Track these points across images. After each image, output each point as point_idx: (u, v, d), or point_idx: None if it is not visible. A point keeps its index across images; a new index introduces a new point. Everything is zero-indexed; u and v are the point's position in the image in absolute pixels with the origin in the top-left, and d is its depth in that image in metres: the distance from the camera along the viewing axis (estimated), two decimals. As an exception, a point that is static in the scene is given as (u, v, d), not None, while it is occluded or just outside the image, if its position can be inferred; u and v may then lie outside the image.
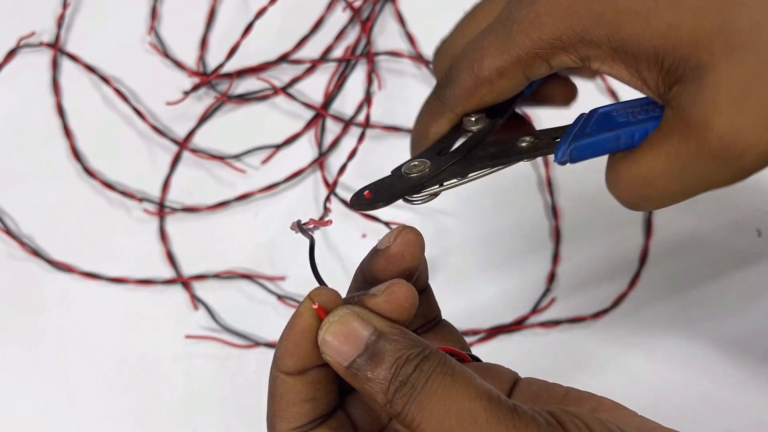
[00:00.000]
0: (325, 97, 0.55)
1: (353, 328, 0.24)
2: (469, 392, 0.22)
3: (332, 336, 0.24)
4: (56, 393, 0.49)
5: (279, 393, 0.26)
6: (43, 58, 0.57)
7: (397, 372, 0.22)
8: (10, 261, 0.53)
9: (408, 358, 0.22)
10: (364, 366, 0.23)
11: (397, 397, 0.22)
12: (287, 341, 0.25)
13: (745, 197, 0.50)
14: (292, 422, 0.25)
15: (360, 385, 0.23)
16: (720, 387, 0.46)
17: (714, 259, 0.49)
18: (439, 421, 0.21)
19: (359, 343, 0.23)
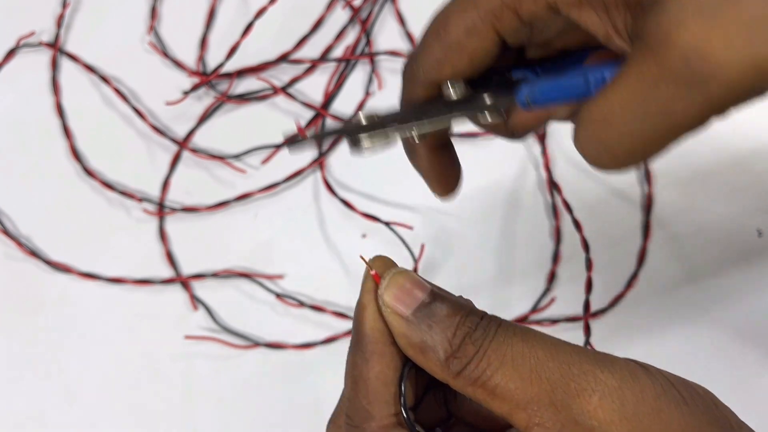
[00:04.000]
0: (325, 96, 0.55)
1: (409, 286, 0.23)
2: (547, 336, 0.22)
3: (391, 287, 0.23)
4: (55, 393, 0.49)
5: (374, 372, 0.24)
6: (43, 58, 0.57)
7: (463, 320, 0.22)
8: (8, 261, 0.53)
9: (471, 309, 0.23)
10: (424, 317, 0.22)
11: (467, 344, 0.22)
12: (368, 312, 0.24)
13: (746, 197, 0.50)
14: (393, 405, 0.23)
15: (420, 338, 0.22)
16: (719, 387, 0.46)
17: (713, 259, 0.49)
18: (524, 358, 0.21)
19: (417, 299, 0.23)
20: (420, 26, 0.60)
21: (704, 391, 0.22)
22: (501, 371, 0.21)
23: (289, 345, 0.49)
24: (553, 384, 0.21)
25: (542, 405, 0.21)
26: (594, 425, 0.20)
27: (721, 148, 0.51)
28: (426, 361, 0.23)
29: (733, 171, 0.51)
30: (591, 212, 0.51)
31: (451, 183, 0.30)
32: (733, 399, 0.45)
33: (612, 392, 0.20)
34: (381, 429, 0.23)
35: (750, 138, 0.51)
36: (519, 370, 0.21)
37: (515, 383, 0.21)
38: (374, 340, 0.24)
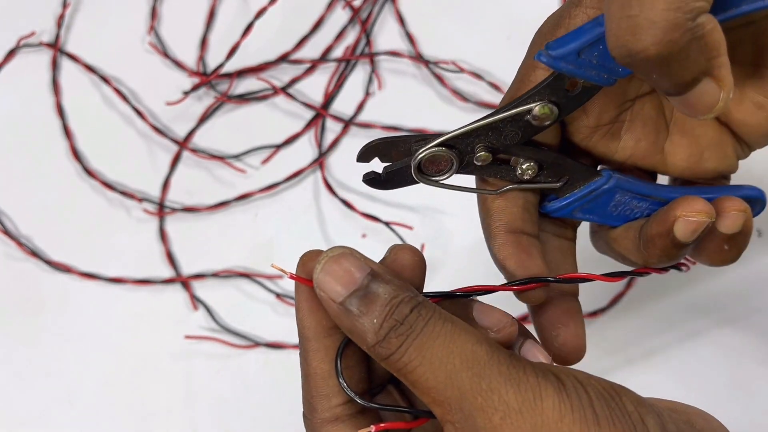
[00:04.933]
0: (325, 97, 0.55)
1: (347, 266, 0.23)
2: (470, 337, 0.22)
3: (325, 273, 0.24)
4: (56, 393, 0.49)
5: (311, 368, 0.25)
6: (43, 58, 0.57)
7: (392, 311, 0.23)
8: (8, 261, 0.53)
9: (403, 300, 0.23)
10: (356, 302, 0.23)
11: (392, 336, 0.22)
12: (301, 311, 0.25)
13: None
14: (332, 398, 0.24)
15: (351, 324, 0.23)
16: (719, 386, 0.46)
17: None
18: (441, 363, 0.22)
19: (353, 282, 0.23)
20: (420, 26, 0.61)
21: (633, 404, 0.22)
22: (420, 369, 0.22)
23: (289, 345, 0.49)
24: (464, 394, 0.21)
25: (453, 408, 0.22)
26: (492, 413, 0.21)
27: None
28: (357, 343, 0.24)
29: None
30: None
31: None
32: (733, 398, 0.46)
33: (512, 413, 0.21)
34: (322, 422, 0.24)
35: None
36: (435, 373, 0.22)
37: (431, 383, 0.22)
38: (308, 338, 0.25)
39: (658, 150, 0.29)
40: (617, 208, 0.28)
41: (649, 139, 0.28)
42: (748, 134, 0.28)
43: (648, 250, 0.27)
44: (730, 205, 0.27)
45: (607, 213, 0.28)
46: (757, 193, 0.29)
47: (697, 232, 0.26)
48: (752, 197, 0.29)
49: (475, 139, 0.27)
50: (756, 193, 0.29)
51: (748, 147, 0.28)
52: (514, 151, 0.27)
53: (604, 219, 0.29)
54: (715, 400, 0.45)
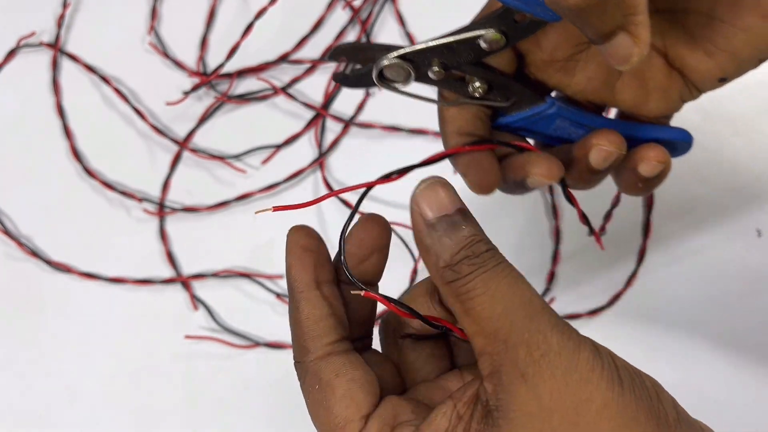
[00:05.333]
0: (325, 97, 0.55)
1: (444, 195, 0.26)
2: (530, 288, 0.25)
3: (424, 193, 0.26)
4: (56, 393, 0.49)
5: (303, 314, 0.26)
6: (43, 58, 0.57)
7: (471, 244, 0.25)
8: (9, 261, 0.53)
9: (483, 240, 0.25)
10: (444, 225, 0.25)
11: (464, 264, 0.24)
12: (293, 267, 0.27)
13: (745, 197, 0.50)
14: (324, 338, 0.26)
15: (432, 241, 0.25)
16: (719, 385, 0.46)
17: (713, 258, 0.49)
18: (501, 297, 0.24)
19: (445, 208, 0.26)
20: (420, 26, 0.60)
21: (652, 383, 0.24)
22: (480, 299, 0.24)
23: (289, 345, 0.49)
24: (514, 327, 0.23)
25: (498, 339, 0.23)
26: (527, 372, 0.23)
27: (720, 148, 0.51)
28: (427, 261, 0.26)
29: (732, 171, 0.51)
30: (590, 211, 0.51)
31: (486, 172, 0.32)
32: (733, 397, 0.46)
33: (552, 353, 0.23)
34: (317, 359, 0.26)
35: (749, 139, 0.51)
36: (494, 304, 0.24)
37: (486, 313, 0.24)
38: (299, 290, 0.27)
39: (608, 88, 0.31)
40: (557, 132, 0.31)
41: (600, 79, 0.31)
42: (698, 80, 0.30)
43: (570, 170, 0.31)
44: (654, 155, 0.30)
45: (548, 135, 0.31)
46: (684, 137, 0.32)
47: (608, 161, 0.30)
48: (680, 140, 0.31)
49: (432, 55, 0.29)
50: (683, 137, 0.32)
51: (698, 90, 0.30)
52: (468, 70, 0.30)
53: (546, 139, 0.32)
54: (715, 399, 0.46)
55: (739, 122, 0.52)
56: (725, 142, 0.51)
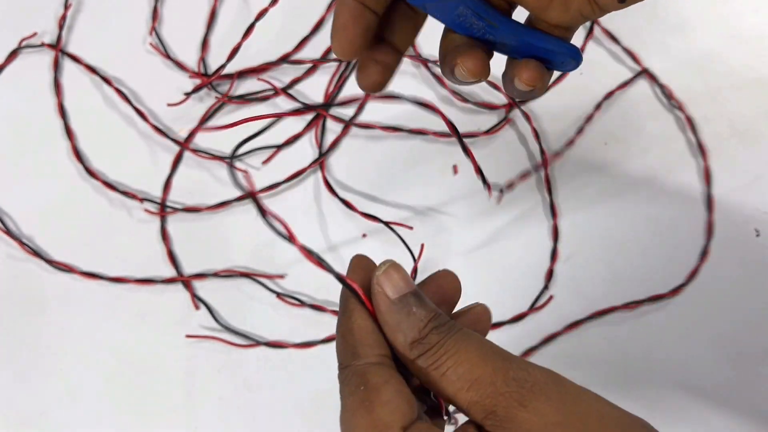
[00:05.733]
0: (326, 97, 0.55)
1: (403, 275, 0.28)
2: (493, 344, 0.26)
3: (386, 274, 0.28)
4: (57, 392, 0.50)
5: (357, 324, 0.27)
6: (45, 59, 0.58)
7: (436, 315, 0.27)
8: (10, 261, 0.53)
9: (442, 314, 0.27)
10: (404, 304, 0.27)
11: (432, 334, 0.26)
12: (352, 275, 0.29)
13: (744, 197, 0.50)
14: (376, 348, 0.27)
15: (399, 318, 0.26)
16: (719, 384, 0.46)
17: (712, 259, 0.49)
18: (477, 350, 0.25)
19: (407, 287, 0.27)
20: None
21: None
22: (455, 357, 0.25)
23: (290, 344, 0.49)
24: (497, 371, 0.25)
25: (485, 384, 0.24)
26: (524, 400, 0.24)
27: (719, 148, 0.51)
28: (394, 339, 0.27)
29: (731, 171, 0.51)
30: (590, 211, 0.51)
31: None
32: (732, 397, 0.46)
33: (539, 383, 0.24)
34: (367, 365, 0.26)
35: (747, 139, 0.52)
36: (470, 357, 0.25)
37: (464, 367, 0.25)
38: (354, 301, 0.28)
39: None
40: (459, 18, 0.31)
41: None
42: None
43: (442, 64, 0.32)
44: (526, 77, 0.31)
45: (451, 18, 0.31)
46: (574, 54, 0.32)
47: (466, 80, 0.31)
48: (568, 56, 0.31)
49: None
50: (573, 54, 0.31)
51: (599, 9, 0.30)
52: None
53: (448, 23, 0.31)
54: (714, 399, 0.46)
55: (738, 123, 0.52)
56: (724, 142, 0.52)
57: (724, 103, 0.52)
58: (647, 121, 0.53)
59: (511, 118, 0.53)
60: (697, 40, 0.54)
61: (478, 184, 0.52)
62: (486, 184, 0.37)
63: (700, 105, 0.53)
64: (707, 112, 0.52)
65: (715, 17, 0.55)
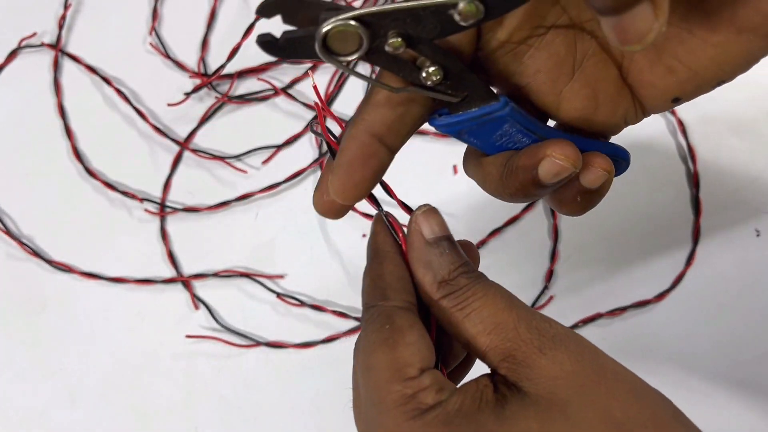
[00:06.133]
0: (326, 97, 0.55)
1: (440, 221, 0.28)
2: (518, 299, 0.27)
3: (425, 216, 0.28)
4: (58, 391, 0.50)
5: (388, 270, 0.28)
6: (45, 59, 0.58)
7: (466, 262, 0.27)
8: (10, 261, 0.53)
9: (471, 264, 0.28)
10: (440, 245, 0.27)
11: (461, 277, 0.27)
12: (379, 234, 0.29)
13: (744, 198, 0.50)
14: (404, 294, 0.27)
15: (431, 258, 0.27)
16: (718, 384, 0.46)
17: (711, 258, 0.49)
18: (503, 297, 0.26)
19: (442, 230, 0.28)
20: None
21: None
22: (482, 300, 0.26)
23: (290, 344, 0.49)
24: (521, 318, 0.25)
25: (507, 329, 0.25)
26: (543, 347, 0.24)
27: (719, 149, 0.51)
28: (423, 277, 0.27)
29: (731, 171, 0.51)
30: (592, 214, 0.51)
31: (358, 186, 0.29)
32: (732, 396, 0.46)
33: (559, 335, 0.25)
34: (395, 308, 0.26)
35: (748, 140, 0.52)
36: (496, 302, 0.26)
37: (489, 310, 0.25)
38: (386, 250, 0.28)
39: (555, 90, 0.28)
40: (502, 138, 0.28)
41: (549, 74, 0.27)
42: (650, 98, 0.28)
43: (509, 179, 0.28)
44: (599, 161, 0.27)
45: (491, 141, 0.28)
46: (624, 155, 0.30)
47: (560, 176, 0.26)
48: (620, 157, 0.30)
49: (391, 22, 0.23)
50: (624, 155, 0.30)
51: (643, 112, 0.28)
52: (425, 51, 0.25)
53: (486, 146, 0.28)
54: (714, 399, 0.46)
55: (738, 123, 0.52)
56: (724, 142, 0.52)
57: (723, 103, 0.52)
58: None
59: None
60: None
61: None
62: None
63: (700, 105, 0.53)
64: (707, 112, 0.52)
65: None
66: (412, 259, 0.28)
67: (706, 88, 0.27)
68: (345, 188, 0.28)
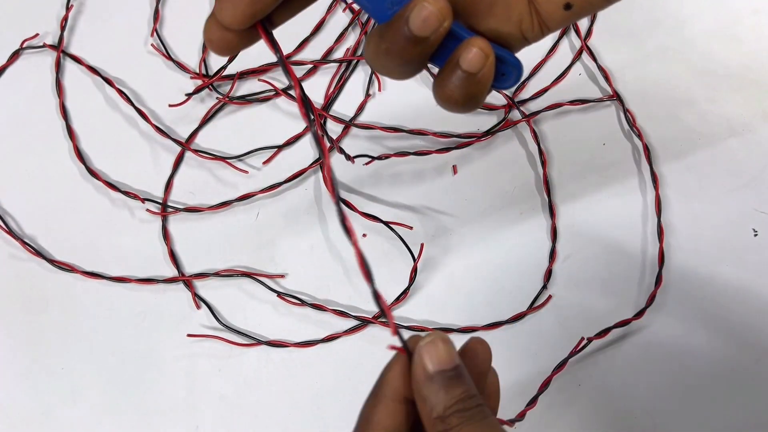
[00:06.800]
0: (326, 98, 0.55)
1: (448, 350, 0.28)
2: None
3: (429, 346, 0.28)
4: (60, 391, 0.50)
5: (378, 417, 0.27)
6: (47, 60, 0.58)
7: (463, 399, 0.27)
8: (13, 261, 0.53)
9: (474, 396, 0.27)
10: (443, 380, 0.27)
11: (454, 416, 0.26)
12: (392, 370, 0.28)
13: (742, 197, 0.50)
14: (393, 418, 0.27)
15: (427, 393, 0.27)
16: (718, 385, 0.47)
17: (710, 258, 0.49)
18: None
19: (448, 363, 0.27)
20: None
21: None
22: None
23: (291, 343, 0.50)
24: None
25: None
26: None
27: (717, 148, 0.52)
28: (421, 410, 0.27)
29: (728, 171, 0.51)
30: (589, 211, 0.51)
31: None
32: (732, 396, 0.46)
33: None
34: None
35: (745, 139, 0.52)
36: None
37: None
38: (386, 393, 0.28)
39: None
40: (393, 6, 0.27)
41: None
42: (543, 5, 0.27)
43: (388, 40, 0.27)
44: (477, 42, 0.26)
45: (383, 6, 0.27)
46: (514, 60, 0.28)
47: (428, 22, 0.25)
48: (509, 61, 0.28)
49: None
50: (513, 60, 0.28)
51: (540, 26, 0.28)
52: None
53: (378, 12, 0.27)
54: (714, 399, 0.46)
55: (737, 123, 0.52)
56: (722, 143, 0.52)
57: (722, 104, 0.53)
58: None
59: (510, 119, 0.53)
60: (695, 40, 0.55)
61: (478, 184, 0.52)
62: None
63: (700, 105, 0.53)
64: (706, 112, 0.53)
65: (714, 18, 0.55)
66: (414, 390, 0.28)
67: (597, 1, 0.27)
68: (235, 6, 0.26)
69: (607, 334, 0.47)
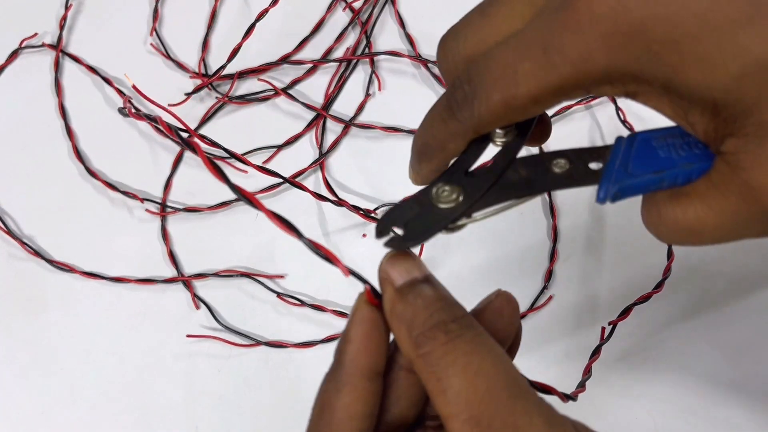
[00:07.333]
0: (326, 98, 0.55)
1: (412, 259, 0.25)
2: (514, 366, 0.23)
3: (392, 260, 0.25)
4: (58, 391, 0.50)
5: (341, 404, 0.24)
6: (46, 59, 0.58)
7: (443, 307, 0.23)
8: (11, 261, 0.53)
9: (456, 304, 0.24)
10: (413, 292, 0.24)
11: (439, 330, 0.23)
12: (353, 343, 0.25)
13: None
14: (362, 401, 0.24)
15: (401, 309, 0.24)
16: (717, 385, 0.47)
17: (710, 258, 0.49)
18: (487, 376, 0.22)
19: (416, 272, 0.24)
20: (419, 27, 0.60)
21: None
22: (461, 377, 0.22)
23: (290, 344, 0.49)
24: (498, 412, 0.21)
25: (480, 426, 0.21)
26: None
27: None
28: (398, 333, 0.24)
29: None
30: (589, 211, 0.51)
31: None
32: (732, 396, 0.46)
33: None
34: None
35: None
36: (477, 384, 0.22)
37: (467, 395, 0.22)
38: (351, 372, 0.24)
39: None
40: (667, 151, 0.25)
41: None
42: None
43: None
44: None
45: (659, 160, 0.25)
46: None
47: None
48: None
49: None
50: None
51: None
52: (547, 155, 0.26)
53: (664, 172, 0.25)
54: (713, 400, 0.46)
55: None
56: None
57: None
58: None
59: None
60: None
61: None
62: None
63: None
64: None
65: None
66: (386, 316, 0.24)
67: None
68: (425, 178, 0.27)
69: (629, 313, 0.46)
